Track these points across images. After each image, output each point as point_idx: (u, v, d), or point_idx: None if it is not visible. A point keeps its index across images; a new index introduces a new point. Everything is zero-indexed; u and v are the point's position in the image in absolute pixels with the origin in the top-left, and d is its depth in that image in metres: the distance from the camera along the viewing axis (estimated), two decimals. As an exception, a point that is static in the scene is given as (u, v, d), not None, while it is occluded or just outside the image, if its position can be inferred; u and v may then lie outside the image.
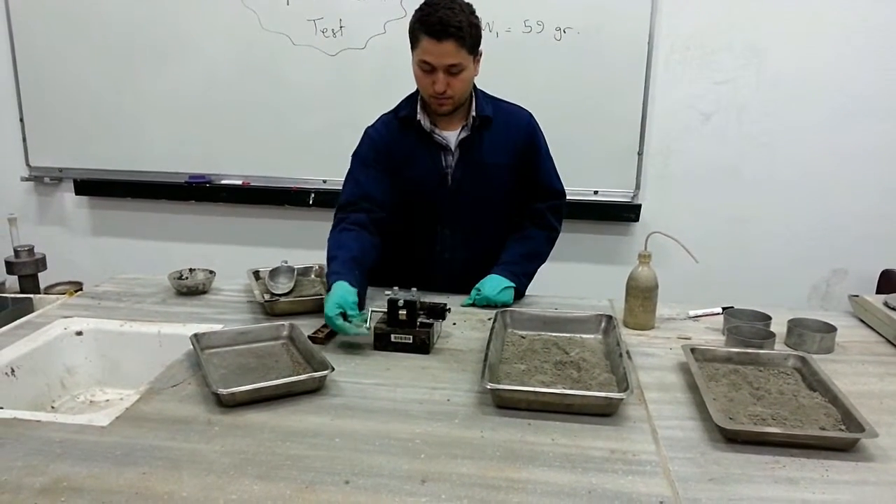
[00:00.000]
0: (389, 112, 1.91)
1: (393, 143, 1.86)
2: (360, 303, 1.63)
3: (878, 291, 2.63)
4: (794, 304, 1.87)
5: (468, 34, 1.67)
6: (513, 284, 1.84)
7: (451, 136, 1.85)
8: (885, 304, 1.70)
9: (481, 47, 1.77)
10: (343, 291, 1.58)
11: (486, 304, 1.82)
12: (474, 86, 1.85)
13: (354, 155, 1.89)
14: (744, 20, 2.66)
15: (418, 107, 1.83)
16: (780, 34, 2.65)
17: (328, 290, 1.63)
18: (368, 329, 1.55)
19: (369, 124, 1.92)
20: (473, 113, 1.82)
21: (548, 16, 2.71)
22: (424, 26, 1.66)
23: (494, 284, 1.83)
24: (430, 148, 1.85)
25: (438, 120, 1.85)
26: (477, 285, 1.85)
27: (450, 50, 1.66)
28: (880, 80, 2.65)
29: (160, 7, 2.93)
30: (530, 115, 1.92)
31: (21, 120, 3.15)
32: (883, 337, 1.66)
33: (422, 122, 1.83)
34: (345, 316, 1.54)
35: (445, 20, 1.63)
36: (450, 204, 1.88)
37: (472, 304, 1.84)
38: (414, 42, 1.72)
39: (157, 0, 2.92)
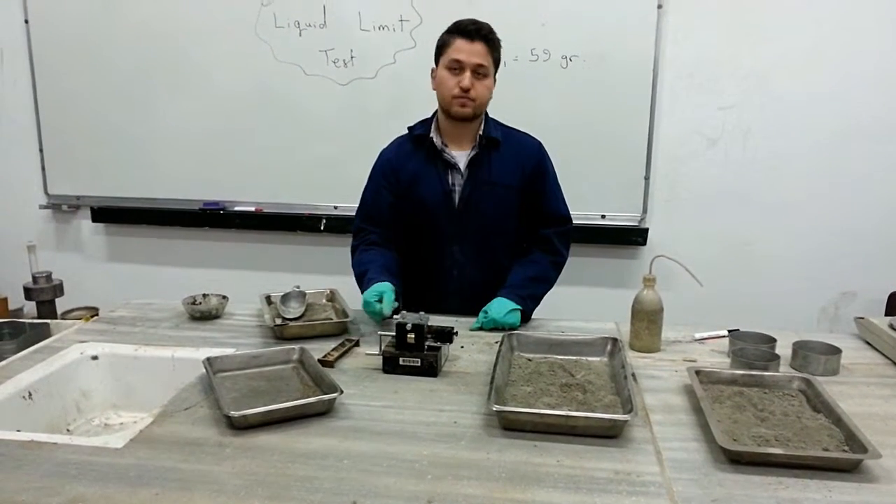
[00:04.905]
0: (405, 133, 2.01)
1: (403, 162, 1.96)
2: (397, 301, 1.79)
3: (888, 314, 2.63)
4: (803, 327, 1.87)
5: (495, 44, 1.86)
6: (519, 307, 1.87)
7: (461, 155, 1.93)
8: (891, 326, 1.71)
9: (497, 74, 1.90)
10: (382, 286, 1.76)
11: (494, 326, 1.84)
12: (486, 112, 1.95)
13: (370, 173, 2.03)
14: (746, 46, 2.70)
15: (433, 126, 1.93)
16: (782, 59, 2.69)
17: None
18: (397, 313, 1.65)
19: (386, 145, 2.05)
20: (481, 132, 1.91)
21: (554, 45, 2.76)
22: (458, 29, 1.85)
23: (501, 307, 1.85)
24: (438, 166, 1.93)
25: (449, 140, 1.93)
26: (484, 308, 1.88)
27: (480, 50, 1.82)
28: (884, 102, 2.67)
29: (175, 39, 3.01)
30: (540, 143, 2.01)
31: (40, 150, 3.23)
32: (888, 359, 1.67)
33: (434, 139, 1.91)
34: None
35: (479, 25, 1.84)
36: (457, 222, 1.94)
37: (480, 328, 1.86)
38: (443, 49, 1.86)
39: (172, 32, 3.01)
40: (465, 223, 1.94)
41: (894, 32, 2.61)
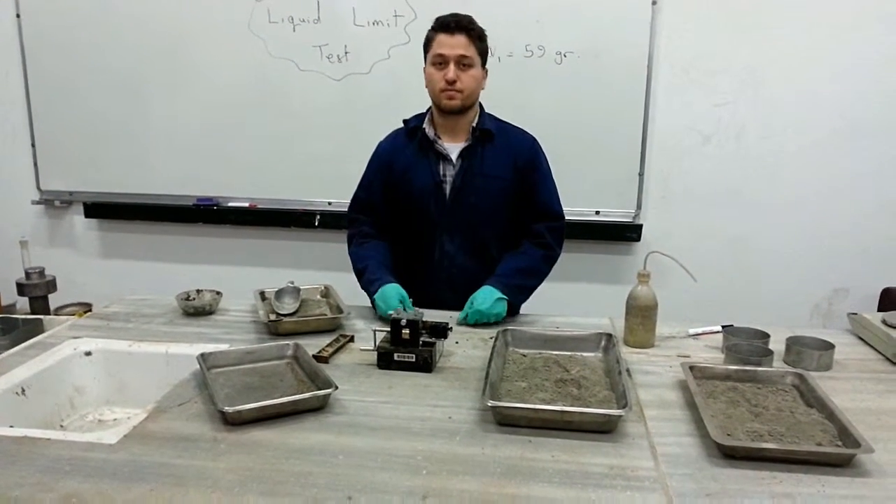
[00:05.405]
0: (402, 126, 2.04)
1: (396, 154, 1.99)
2: None
3: (880, 309, 2.64)
4: (796, 323, 1.88)
5: (478, 35, 1.88)
6: (505, 297, 1.86)
7: (454, 148, 1.94)
8: (884, 321, 1.71)
9: (487, 66, 1.92)
10: (396, 289, 1.83)
11: (479, 318, 1.84)
12: (481, 105, 1.96)
13: (367, 164, 2.07)
14: (741, 44, 2.70)
15: (426, 119, 1.96)
16: (777, 57, 2.69)
17: (372, 292, 1.87)
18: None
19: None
20: (474, 123, 1.93)
21: (548, 41, 2.76)
22: (440, 24, 1.87)
23: (486, 296, 1.85)
24: (430, 157, 1.95)
25: (444, 133, 1.95)
26: (470, 297, 1.87)
27: (462, 42, 1.84)
28: (878, 100, 2.68)
29: (169, 34, 2.99)
30: (535, 139, 2.01)
31: (33, 145, 3.21)
32: (881, 354, 1.68)
33: (426, 130, 1.94)
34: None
35: (458, 18, 1.87)
36: (448, 213, 1.96)
37: (466, 322, 1.84)
38: (428, 47, 1.89)
39: (165, 27, 2.99)
40: (455, 214, 1.96)
41: (889, 30, 2.62)
